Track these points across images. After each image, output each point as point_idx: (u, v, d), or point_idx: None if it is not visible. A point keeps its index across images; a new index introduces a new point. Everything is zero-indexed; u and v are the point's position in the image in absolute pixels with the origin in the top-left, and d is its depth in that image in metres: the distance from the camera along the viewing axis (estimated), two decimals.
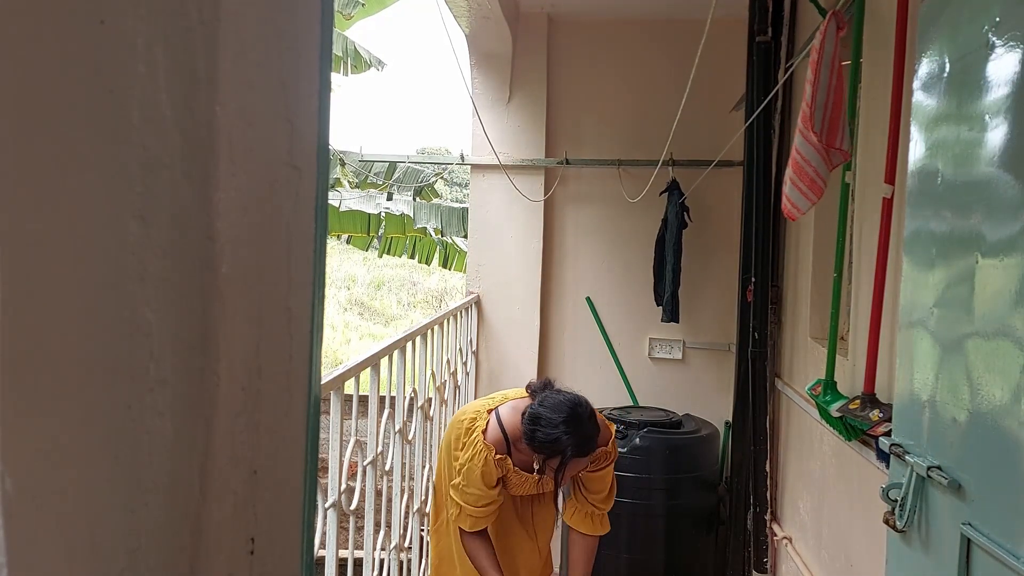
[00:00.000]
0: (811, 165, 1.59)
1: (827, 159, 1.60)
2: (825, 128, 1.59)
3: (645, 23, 3.65)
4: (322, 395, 1.54)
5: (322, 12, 0.46)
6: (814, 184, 1.60)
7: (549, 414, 1.95)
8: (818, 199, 1.62)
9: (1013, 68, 1.09)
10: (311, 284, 0.46)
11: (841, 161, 1.61)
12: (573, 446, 1.92)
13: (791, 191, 1.62)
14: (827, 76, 1.59)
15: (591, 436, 2.00)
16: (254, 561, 0.42)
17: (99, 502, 0.32)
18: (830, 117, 1.59)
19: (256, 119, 0.41)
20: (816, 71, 1.58)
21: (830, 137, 1.59)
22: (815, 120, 1.58)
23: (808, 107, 1.58)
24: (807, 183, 1.60)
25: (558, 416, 1.94)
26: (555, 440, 1.92)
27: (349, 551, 2.04)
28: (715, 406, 3.58)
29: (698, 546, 3.20)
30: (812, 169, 1.59)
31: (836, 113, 1.60)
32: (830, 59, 1.60)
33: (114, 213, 0.32)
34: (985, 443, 1.11)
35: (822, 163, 1.59)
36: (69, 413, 0.30)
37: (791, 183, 1.62)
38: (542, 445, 1.95)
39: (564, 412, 1.94)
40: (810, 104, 1.57)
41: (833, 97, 1.60)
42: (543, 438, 1.93)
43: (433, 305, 15.21)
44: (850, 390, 1.98)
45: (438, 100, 55.70)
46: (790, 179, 1.63)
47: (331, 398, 1.70)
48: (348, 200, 5.96)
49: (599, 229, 3.76)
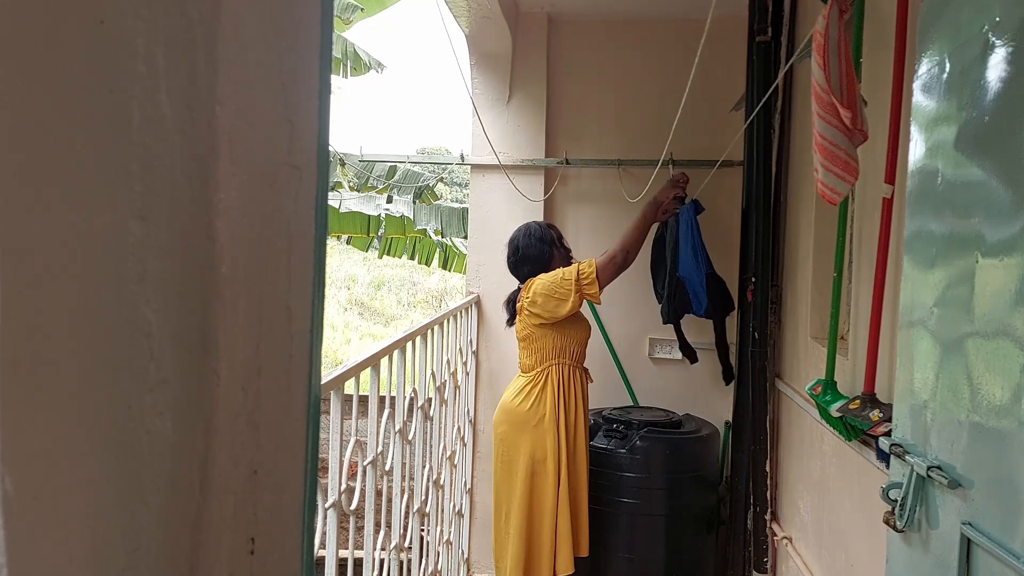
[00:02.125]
0: (841, 148, 1.57)
1: (853, 140, 1.58)
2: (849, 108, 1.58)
3: (645, 23, 3.65)
4: (322, 395, 1.54)
5: (322, 12, 0.46)
6: (848, 165, 1.58)
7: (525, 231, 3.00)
8: (855, 179, 1.60)
9: (1013, 68, 1.09)
10: (311, 284, 0.46)
11: (861, 141, 1.59)
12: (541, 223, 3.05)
13: (826, 176, 1.59)
14: (836, 60, 1.58)
15: None
16: (254, 561, 0.42)
17: (99, 502, 0.32)
18: (847, 99, 1.58)
19: (256, 119, 0.41)
20: (825, 56, 1.56)
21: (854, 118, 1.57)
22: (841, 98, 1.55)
23: (824, 92, 1.56)
24: (841, 166, 1.58)
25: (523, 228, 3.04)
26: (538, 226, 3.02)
27: (349, 551, 2.04)
28: (715, 406, 3.58)
29: (698, 546, 3.20)
30: (843, 152, 1.57)
31: (851, 94, 1.58)
32: (837, 44, 1.58)
33: (114, 213, 0.32)
34: (985, 443, 1.11)
35: (851, 144, 1.58)
36: (69, 413, 0.30)
37: (824, 169, 1.59)
38: (544, 233, 2.98)
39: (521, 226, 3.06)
40: (826, 89, 1.55)
41: (846, 79, 1.58)
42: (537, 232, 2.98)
43: (433, 305, 15.21)
44: (850, 390, 1.98)
45: (438, 100, 55.68)
46: (822, 165, 1.60)
47: (331, 398, 1.70)
48: (348, 201, 5.96)
49: (599, 229, 3.76)
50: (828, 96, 1.56)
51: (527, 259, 2.93)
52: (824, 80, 1.56)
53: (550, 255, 2.93)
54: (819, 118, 1.59)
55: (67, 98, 0.30)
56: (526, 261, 2.93)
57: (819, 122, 1.59)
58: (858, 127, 1.57)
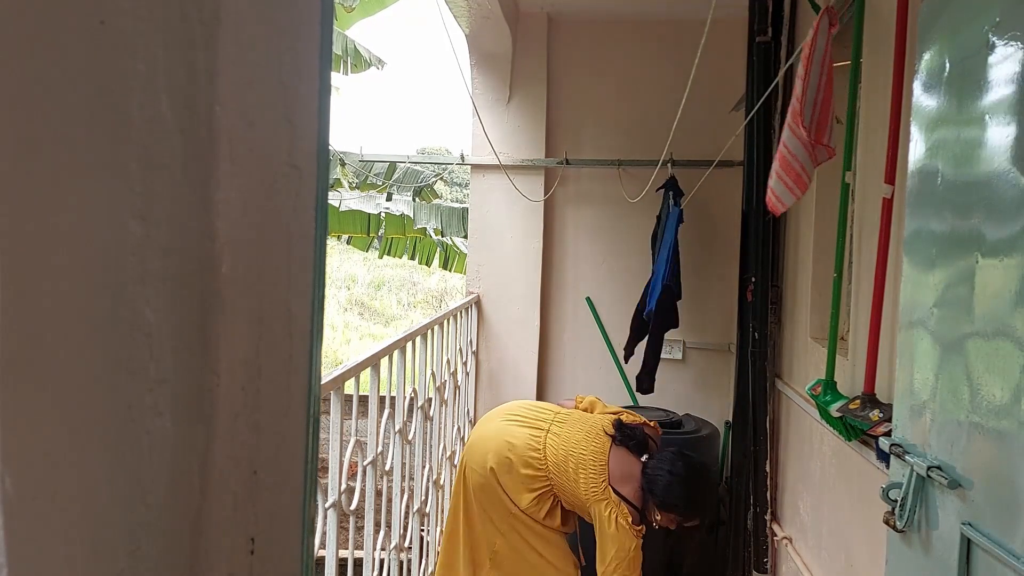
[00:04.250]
0: (797, 160, 1.59)
1: (813, 155, 1.60)
2: (814, 124, 1.60)
3: (645, 23, 3.65)
4: (322, 395, 1.54)
5: (322, 12, 0.46)
6: (799, 179, 1.60)
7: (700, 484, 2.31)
8: (803, 193, 1.63)
9: (1013, 68, 1.09)
10: (311, 284, 0.46)
11: (827, 158, 1.61)
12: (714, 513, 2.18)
13: (776, 185, 1.62)
14: (817, 72, 1.59)
15: None
16: (254, 561, 0.42)
17: (99, 502, 0.32)
18: (819, 113, 1.59)
19: (256, 119, 0.41)
20: (807, 67, 1.58)
21: (818, 133, 1.59)
22: (805, 115, 1.58)
23: (798, 102, 1.58)
24: (793, 177, 1.61)
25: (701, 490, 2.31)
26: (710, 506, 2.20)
27: (349, 551, 2.04)
28: (715, 406, 3.58)
29: (698, 546, 3.19)
30: (799, 164, 1.59)
31: (825, 109, 1.60)
32: (821, 55, 1.60)
33: (114, 213, 0.32)
34: (985, 443, 1.11)
35: (808, 158, 1.59)
36: (69, 413, 0.30)
37: (777, 177, 1.62)
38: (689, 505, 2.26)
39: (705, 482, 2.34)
40: (800, 99, 1.57)
41: (823, 94, 1.60)
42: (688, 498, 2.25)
43: (433, 305, 15.22)
44: (850, 390, 1.98)
45: (438, 100, 55.70)
46: (776, 173, 1.63)
47: (331, 398, 1.70)
48: (348, 200, 5.96)
49: (599, 229, 3.76)
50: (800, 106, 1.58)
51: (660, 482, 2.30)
52: (801, 91, 1.58)
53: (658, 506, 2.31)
54: (788, 127, 1.60)
55: (67, 98, 0.30)
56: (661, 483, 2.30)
57: (787, 130, 1.60)
58: (825, 143, 1.59)
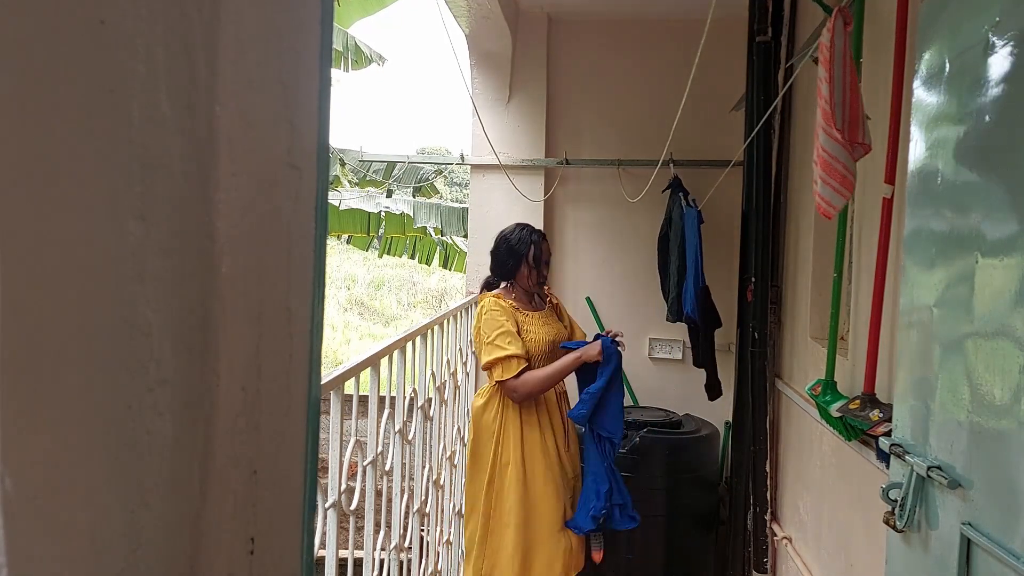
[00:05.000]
0: (839, 161, 1.59)
1: (852, 154, 1.60)
2: (847, 124, 1.59)
3: (645, 23, 3.65)
4: (322, 395, 1.54)
5: (322, 12, 0.46)
6: (845, 180, 1.60)
7: (507, 232, 2.70)
8: (851, 194, 1.62)
9: (1013, 68, 1.09)
10: (311, 284, 0.46)
11: (863, 154, 1.61)
12: (533, 231, 2.69)
13: (823, 189, 1.61)
14: (841, 72, 1.59)
15: None
16: (254, 561, 0.42)
17: (99, 502, 0.32)
18: (850, 113, 1.59)
19: (256, 119, 0.41)
20: (830, 69, 1.58)
21: (852, 132, 1.59)
22: (837, 117, 1.57)
23: (828, 105, 1.57)
24: (839, 179, 1.60)
25: (511, 228, 2.72)
26: (522, 234, 2.67)
27: (349, 551, 2.04)
28: (715, 406, 3.58)
29: (698, 546, 3.20)
30: (841, 165, 1.59)
31: (854, 108, 1.60)
32: (842, 56, 1.59)
33: (114, 213, 0.32)
34: (985, 443, 1.11)
35: (849, 158, 1.59)
36: (69, 413, 0.30)
37: (822, 182, 1.61)
38: (519, 244, 2.65)
39: (514, 225, 2.75)
40: (829, 102, 1.57)
41: (850, 93, 1.60)
42: (516, 240, 2.66)
43: (433, 305, 15.22)
44: (850, 390, 1.98)
45: (438, 100, 55.72)
46: (820, 178, 1.62)
47: (331, 398, 1.70)
48: (348, 199, 5.96)
49: (599, 229, 3.76)
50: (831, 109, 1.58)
51: (494, 260, 2.74)
52: (829, 93, 1.57)
53: (514, 268, 2.68)
54: (822, 130, 1.60)
55: (67, 98, 0.30)
56: (493, 260, 2.75)
57: (821, 134, 1.60)
58: (859, 140, 1.59)
